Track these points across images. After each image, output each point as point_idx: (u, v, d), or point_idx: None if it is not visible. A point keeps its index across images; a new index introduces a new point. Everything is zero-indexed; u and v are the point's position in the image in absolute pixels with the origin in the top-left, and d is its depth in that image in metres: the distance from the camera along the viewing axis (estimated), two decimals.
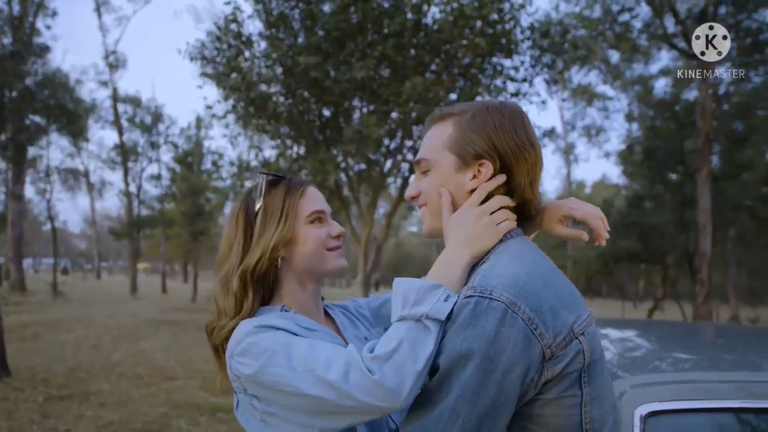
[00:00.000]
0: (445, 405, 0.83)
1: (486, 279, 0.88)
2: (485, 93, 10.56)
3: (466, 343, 0.83)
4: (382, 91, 9.37)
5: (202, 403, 5.97)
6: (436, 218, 1.07)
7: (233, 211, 1.20)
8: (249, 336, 0.99)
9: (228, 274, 1.14)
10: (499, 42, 9.18)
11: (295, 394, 0.91)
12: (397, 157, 11.41)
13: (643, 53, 21.25)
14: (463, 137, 1.02)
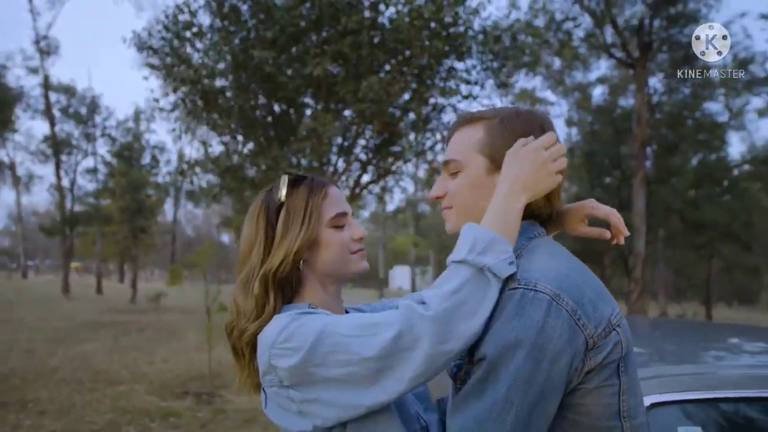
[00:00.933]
0: (498, 394, 0.84)
1: (528, 272, 0.91)
2: (438, 94, 10.72)
3: (514, 333, 0.85)
4: (337, 89, 9.31)
5: (151, 408, 5.73)
6: (462, 219, 1.07)
7: (252, 211, 1.17)
8: (293, 321, 0.98)
9: (249, 276, 1.11)
10: (455, 45, 9.33)
11: (352, 362, 0.90)
12: (350, 155, 11.37)
13: (582, 61, 22.17)
14: (494, 140, 1.04)
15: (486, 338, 0.88)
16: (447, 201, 1.10)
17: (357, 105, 9.14)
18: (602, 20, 16.18)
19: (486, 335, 0.88)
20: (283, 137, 10.38)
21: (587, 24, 16.90)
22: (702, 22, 15.60)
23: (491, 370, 0.86)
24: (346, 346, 0.91)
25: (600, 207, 1.14)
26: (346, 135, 10.73)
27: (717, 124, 19.81)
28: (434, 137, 11.30)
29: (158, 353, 9.10)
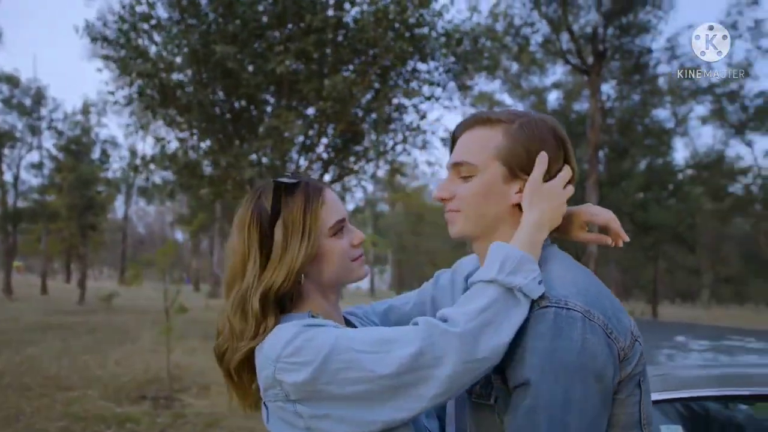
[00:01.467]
0: (554, 421, 0.82)
1: (554, 289, 0.90)
2: (401, 95, 10.77)
3: (557, 355, 0.84)
4: (300, 87, 9.21)
5: (106, 414, 5.52)
6: (471, 225, 1.06)
7: (241, 222, 1.08)
8: (300, 334, 0.94)
9: (245, 294, 1.04)
10: (419, 46, 9.39)
11: (366, 380, 0.87)
12: (311, 154, 11.28)
13: (539, 66, 22.73)
14: (514, 149, 1.00)
15: (525, 361, 0.86)
16: (455, 204, 1.06)
17: (320, 103, 9.07)
18: (559, 27, 16.63)
19: (524, 358, 0.86)
20: (244, 135, 10.20)
21: (545, 30, 17.33)
22: (652, 32, 16.32)
23: (539, 395, 0.83)
24: (360, 362, 0.88)
25: (599, 214, 1.12)
26: (308, 134, 10.63)
27: (664, 131, 20.72)
28: (396, 138, 11.35)
29: (111, 356, 8.76)
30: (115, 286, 28.82)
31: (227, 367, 1.07)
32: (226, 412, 5.76)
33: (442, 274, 1.37)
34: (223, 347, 1.08)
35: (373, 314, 1.32)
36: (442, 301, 1.29)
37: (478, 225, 1.05)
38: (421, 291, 1.36)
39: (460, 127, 1.10)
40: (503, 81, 25.18)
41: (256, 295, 1.02)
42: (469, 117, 1.09)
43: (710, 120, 21.99)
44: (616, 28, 16.74)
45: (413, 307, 1.32)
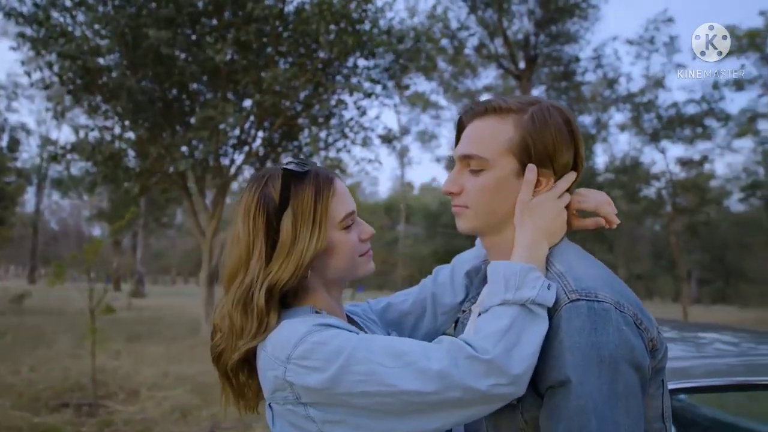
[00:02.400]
0: (603, 418, 0.79)
1: (580, 280, 0.87)
2: (342, 90, 10.66)
3: (595, 350, 0.80)
4: (239, 78, 8.87)
5: (23, 425, 5.02)
6: (481, 221, 1.01)
7: (246, 209, 0.99)
8: (310, 335, 0.87)
9: (248, 288, 0.95)
10: (362, 42, 9.31)
11: (386, 394, 0.81)
12: (245, 148, 10.92)
13: (472, 69, 23.32)
14: (526, 142, 0.95)
15: (564, 360, 0.82)
16: (463, 199, 1.01)
17: (259, 96, 8.79)
18: (494, 32, 17.13)
19: (562, 356, 0.82)
20: (176, 125, 9.70)
21: (480, 34, 17.79)
22: (580, 42, 17.17)
23: (584, 394, 0.80)
24: (380, 376, 0.82)
25: (587, 199, 1.06)
26: (245, 127, 10.28)
27: (589, 136, 21.86)
28: (334, 134, 11.23)
29: (24, 362, 8.05)
30: (24, 285, 26.67)
31: (225, 367, 0.99)
32: (157, 417, 5.43)
33: (441, 270, 1.32)
34: (220, 346, 0.99)
35: (370, 312, 1.26)
36: (442, 297, 1.25)
37: (488, 221, 1.01)
38: (420, 288, 1.31)
39: (468, 113, 1.04)
40: (438, 82, 25.62)
41: (261, 289, 0.94)
42: (479, 103, 1.03)
43: (628, 127, 23.48)
44: (547, 36, 17.46)
45: (412, 305, 1.27)
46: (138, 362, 8.29)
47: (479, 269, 1.23)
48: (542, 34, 17.39)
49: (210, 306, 10.23)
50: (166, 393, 6.35)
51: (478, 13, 16.65)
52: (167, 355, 9.01)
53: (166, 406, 5.79)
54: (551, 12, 16.53)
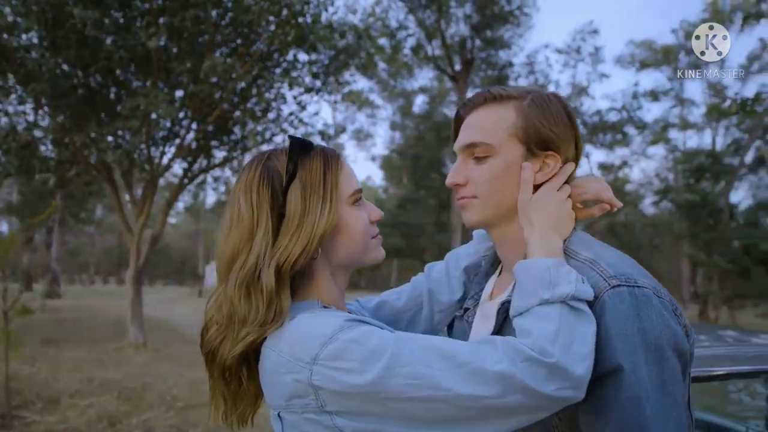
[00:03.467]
0: (656, 406, 0.76)
1: (614, 267, 0.85)
2: (281, 84, 10.39)
3: (645, 336, 0.78)
4: (173, 66, 8.41)
5: None
6: (490, 211, 0.97)
7: (247, 184, 0.90)
8: (342, 332, 0.77)
9: (254, 268, 0.85)
10: (304, 35, 9.11)
11: (438, 399, 0.73)
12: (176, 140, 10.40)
13: (408, 69, 23.58)
14: (530, 125, 0.94)
15: (613, 347, 0.79)
16: (470, 190, 0.98)
17: (193, 86, 8.37)
18: (433, 34, 17.37)
19: (610, 344, 0.79)
20: (101, 113, 9.06)
21: (418, 35, 17.97)
22: (514, 48, 17.74)
23: (637, 383, 0.77)
24: (430, 379, 0.74)
25: (587, 189, 1.05)
26: (177, 118, 9.78)
27: None
28: (272, 128, 10.93)
29: None
30: None
31: (222, 366, 0.87)
32: (82, 427, 5.04)
33: (434, 266, 1.26)
34: (215, 341, 0.87)
35: (363, 310, 1.18)
36: (439, 295, 1.19)
37: (498, 210, 0.97)
38: (413, 285, 1.24)
39: (467, 105, 1.02)
40: (375, 81, 25.69)
41: (269, 268, 0.85)
42: (476, 95, 1.01)
43: None
44: (482, 40, 17.93)
45: (407, 302, 1.20)
46: (56, 368, 7.68)
47: (478, 265, 1.19)
48: (478, 39, 17.83)
49: (137, 306, 9.65)
50: (91, 400, 5.92)
51: (417, 14, 16.81)
52: (89, 360, 8.42)
53: (91, 415, 5.38)
54: (487, 17, 16.98)
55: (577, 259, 0.91)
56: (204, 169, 11.54)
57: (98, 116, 8.92)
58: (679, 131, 26.74)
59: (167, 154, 10.45)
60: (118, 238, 46.16)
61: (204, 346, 0.90)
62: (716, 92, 23.70)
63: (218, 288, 0.91)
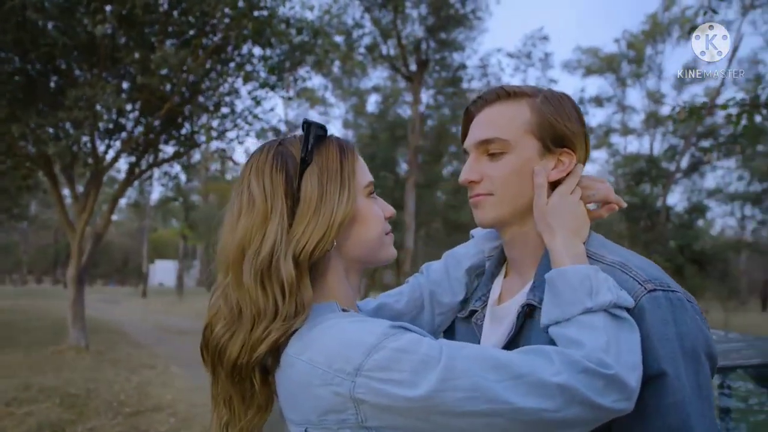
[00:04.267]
0: (697, 409, 0.77)
1: (645, 271, 0.85)
2: (234, 78, 10.12)
3: (683, 341, 0.78)
4: (121, 56, 8.03)
5: None
6: (506, 208, 0.96)
7: (258, 168, 0.85)
8: (388, 340, 0.71)
9: (269, 257, 0.79)
10: (260, 29, 8.89)
11: (496, 413, 0.69)
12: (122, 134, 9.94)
13: (361, 69, 23.52)
14: (545, 121, 0.93)
15: (656, 352, 0.79)
16: (486, 187, 0.96)
17: (145, 77, 8.01)
18: (388, 33, 17.39)
19: (653, 348, 0.79)
20: (40, 103, 8.52)
21: (374, 34, 17.95)
22: (468, 51, 17.99)
23: (681, 387, 0.77)
24: (488, 391, 0.69)
25: (596, 191, 1.03)
26: (125, 109, 9.34)
27: None
28: (225, 123, 10.63)
29: None
30: None
31: (233, 363, 0.80)
32: None
33: (431, 266, 1.23)
34: (223, 337, 0.81)
35: (364, 313, 1.13)
36: (441, 295, 1.16)
37: (514, 208, 0.96)
38: (412, 287, 1.20)
39: (477, 102, 1.00)
40: (329, 79, 25.47)
41: (287, 256, 0.79)
42: (488, 92, 1.00)
43: None
44: (437, 42, 18.12)
45: (407, 304, 1.16)
46: None
47: (481, 266, 1.17)
48: (433, 40, 18.00)
49: (79, 307, 9.15)
50: (30, 408, 5.56)
51: (373, 13, 16.79)
52: (26, 365, 7.93)
53: (30, 424, 5.05)
54: (442, 19, 17.17)
55: (603, 262, 0.90)
56: (152, 165, 11.09)
57: (38, 106, 8.40)
58: (620, 136, 28.01)
59: (113, 148, 9.99)
60: (54, 235, 43.74)
61: (208, 344, 0.84)
62: (655, 100, 24.95)
63: (223, 281, 0.85)
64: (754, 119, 4.65)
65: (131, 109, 9.53)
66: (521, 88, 0.96)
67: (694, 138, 21.13)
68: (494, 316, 1.04)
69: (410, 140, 17.82)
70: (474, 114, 1.01)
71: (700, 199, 24.53)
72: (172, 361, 8.83)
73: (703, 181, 26.28)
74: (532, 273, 0.98)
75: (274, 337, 0.77)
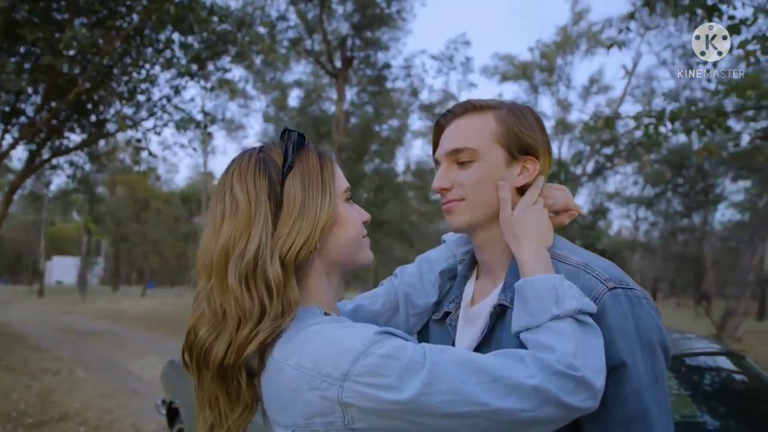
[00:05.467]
0: (656, 398, 0.84)
1: (606, 270, 0.91)
2: (152, 65, 9.58)
3: (641, 334, 0.85)
4: (25, 33, 7.34)
5: None
6: (477, 213, 1.01)
7: (240, 174, 0.87)
8: (375, 346, 0.74)
9: (254, 259, 0.82)
10: (183, 15, 8.47)
11: (475, 414, 0.73)
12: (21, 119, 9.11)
13: (284, 62, 23.08)
14: (510, 132, 1.00)
15: (616, 345, 0.85)
16: (457, 193, 1.02)
17: (52, 58, 7.36)
18: (314, 28, 17.19)
19: (613, 341, 0.85)
20: None
21: (300, 28, 17.67)
22: (392, 51, 18.17)
23: (638, 377, 0.84)
24: (468, 394, 0.73)
25: (556, 200, 1.09)
26: (25, 93, 8.54)
27: (389, 140, 23.37)
28: (143, 111, 10.04)
29: None
30: None
31: (219, 363, 0.81)
32: None
33: (406, 269, 1.26)
34: (207, 339, 0.82)
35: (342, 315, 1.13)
36: (415, 298, 1.18)
37: (483, 213, 1.02)
38: (387, 289, 1.22)
39: (447, 116, 1.08)
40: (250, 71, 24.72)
41: (273, 257, 0.82)
42: (457, 105, 1.08)
43: (428, 135, 25.74)
44: (362, 40, 18.16)
45: (383, 306, 1.18)
46: None
47: (453, 269, 1.21)
48: (358, 38, 18.02)
49: None
50: None
51: (298, 6, 16.52)
52: None
53: None
54: (368, 18, 17.23)
55: (567, 263, 0.97)
56: (55, 154, 10.23)
57: None
58: None
59: (10, 133, 9.10)
60: None
61: (191, 347, 0.85)
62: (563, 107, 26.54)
63: (205, 285, 0.85)
64: (659, 130, 5.09)
65: (33, 92, 8.74)
66: (487, 102, 1.04)
67: (598, 145, 22.73)
68: (467, 317, 1.09)
69: (334, 137, 17.74)
70: (444, 126, 1.07)
71: (602, 201, 26.49)
72: (78, 366, 8.24)
73: (605, 185, 28.37)
74: (503, 275, 1.03)
75: (262, 337, 0.79)
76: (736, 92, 4.27)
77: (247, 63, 20.80)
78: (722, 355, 2.52)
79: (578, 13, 24.14)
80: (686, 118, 5.01)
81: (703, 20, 4.76)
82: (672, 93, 15.71)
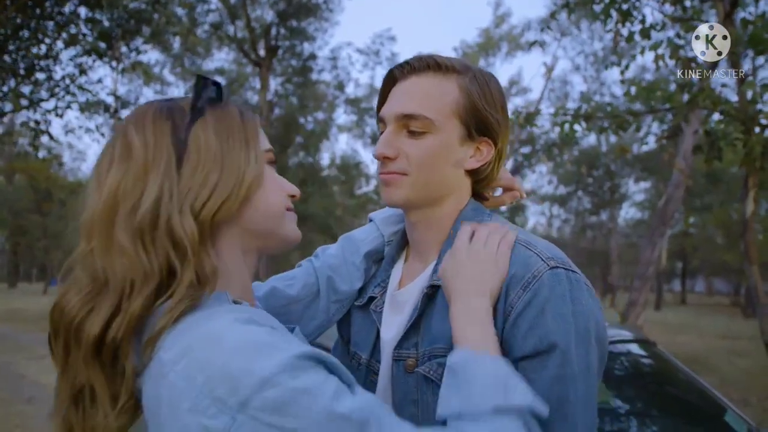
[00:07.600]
0: (586, 386, 0.77)
1: (549, 250, 0.84)
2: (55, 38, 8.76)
3: (578, 320, 0.78)
4: None
5: None
6: (419, 190, 0.90)
7: (136, 119, 0.72)
8: (289, 375, 0.58)
9: (150, 213, 0.66)
10: None
11: None
12: None
13: (204, 48, 22.11)
14: (472, 106, 0.88)
15: (549, 326, 0.77)
16: (401, 165, 0.89)
17: None
18: (236, 14, 16.54)
19: (546, 322, 0.77)
20: None
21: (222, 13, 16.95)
22: (319, 42, 17.87)
23: (570, 362, 0.76)
24: None
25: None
26: None
27: (313, 133, 23.05)
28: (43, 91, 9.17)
29: None
30: None
31: (95, 341, 0.63)
32: None
33: (327, 250, 1.13)
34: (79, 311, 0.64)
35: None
36: (338, 283, 1.06)
37: (426, 191, 0.91)
38: (306, 270, 1.09)
39: (405, 68, 0.92)
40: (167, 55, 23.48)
41: (183, 211, 0.67)
42: (417, 58, 0.92)
43: (350, 129, 25.63)
44: (287, 29, 17.71)
45: (301, 290, 1.05)
46: None
47: (380, 251, 1.10)
48: (283, 27, 17.55)
49: None
50: None
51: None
52: None
53: None
54: (293, 6, 16.81)
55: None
56: None
57: None
58: None
59: None
60: None
61: (58, 327, 0.66)
62: None
63: (85, 248, 0.68)
64: (574, 129, 5.29)
65: None
66: (452, 63, 0.90)
67: (517, 144, 23.65)
68: (394, 302, 0.99)
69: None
70: (398, 79, 0.93)
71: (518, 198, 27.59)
72: None
73: (523, 183, 29.60)
74: (435, 254, 0.94)
75: (181, 307, 0.63)
76: (645, 93, 4.51)
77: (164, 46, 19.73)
78: (634, 342, 2.61)
79: (500, 17, 24.93)
80: (600, 118, 5.24)
81: (617, 24, 5.00)
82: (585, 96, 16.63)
